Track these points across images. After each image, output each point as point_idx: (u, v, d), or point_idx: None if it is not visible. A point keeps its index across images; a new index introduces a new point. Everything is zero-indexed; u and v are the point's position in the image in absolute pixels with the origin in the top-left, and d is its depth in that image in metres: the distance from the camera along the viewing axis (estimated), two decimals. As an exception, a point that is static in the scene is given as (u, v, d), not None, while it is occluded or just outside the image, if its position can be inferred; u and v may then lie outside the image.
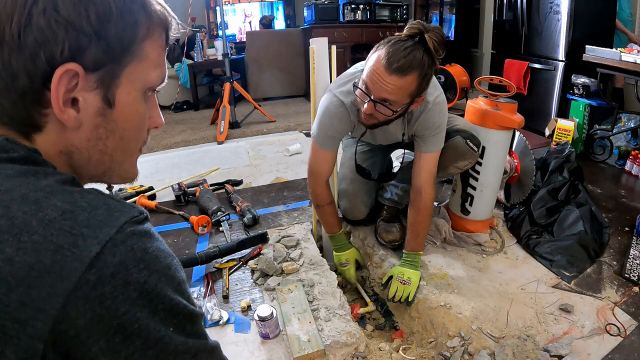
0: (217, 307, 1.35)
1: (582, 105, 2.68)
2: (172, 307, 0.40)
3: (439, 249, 1.69)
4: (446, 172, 1.57)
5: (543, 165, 1.97)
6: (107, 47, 0.41)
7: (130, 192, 2.28)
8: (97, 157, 0.47)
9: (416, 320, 1.40)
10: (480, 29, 4.75)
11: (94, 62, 0.41)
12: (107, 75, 0.43)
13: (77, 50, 0.40)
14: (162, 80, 0.49)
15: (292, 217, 2.01)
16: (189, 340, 0.42)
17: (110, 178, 0.51)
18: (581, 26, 2.85)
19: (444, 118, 1.39)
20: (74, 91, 0.41)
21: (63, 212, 0.36)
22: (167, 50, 0.49)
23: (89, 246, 0.35)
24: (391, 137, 1.53)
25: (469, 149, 1.49)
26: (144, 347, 0.38)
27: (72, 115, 0.42)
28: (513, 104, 1.58)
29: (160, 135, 3.84)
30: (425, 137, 1.40)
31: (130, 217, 0.39)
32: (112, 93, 0.44)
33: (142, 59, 0.45)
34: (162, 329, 0.39)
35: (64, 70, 0.39)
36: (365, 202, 1.77)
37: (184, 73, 4.80)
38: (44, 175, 0.39)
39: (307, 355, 1.16)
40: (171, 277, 0.41)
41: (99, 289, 0.35)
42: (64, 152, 0.45)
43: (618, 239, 1.71)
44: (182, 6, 6.02)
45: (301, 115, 4.26)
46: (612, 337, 1.22)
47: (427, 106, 1.35)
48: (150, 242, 0.40)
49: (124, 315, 0.36)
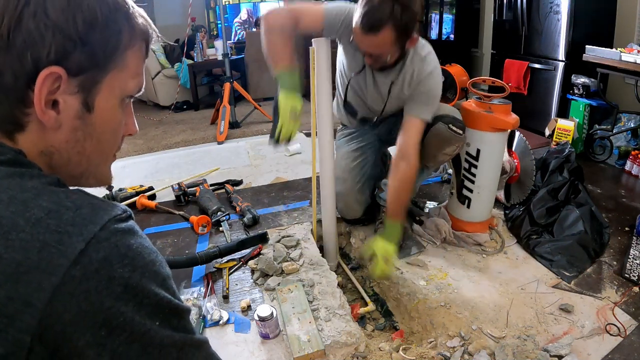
0: (217, 307, 1.35)
1: (582, 105, 2.68)
2: (157, 302, 0.41)
3: (439, 249, 1.69)
4: (437, 161, 1.57)
5: (543, 165, 1.97)
6: (91, 53, 0.43)
7: (130, 192, 2.28)
8: (76, 158, 0.48)
9: (416, 320, 1.40)
10: (480, 29, 4.75)
11: (77, 67, 0.43)
12: (88, 80, 0.44)
13: (62, 54, 0.41)
14: (139, 90, 0.51)
15: (292, 217, 2.01)
16: (175, 334, 0.43)
17: (87, 180, 0.52)
18: (581, 26, 2.84)
19: (437, 89, 1.47)
20: (55, 93, 0.43)
21: (49, 211, 0.38)
22: (145, 61, 0.51)
23: (73, 243, 0.37)
24: (375, 96, 1.56)
25: (453, 134, 1.49)
26: (129, 340, 0.38)
27: (53, 116, 0.44)
28: (507, 105, 1.58)
29: (160, 135, 3.84)
30: (414, 98, 1.47)
31: (113, 215, 0.41)
32: (91, 98, 0.45)
33: (122, 68, 0.47)
34: (147, 322, 0.40)
35: (49, 72, 0.41)
36: (359, 200, 1.76)
37: (184, 73, 4.80)
38: (30, 177, 0.41)
39: (307, 355, 1.16)
40: (155, 273, 0.42)
41: (84, 284, 0.36)
42: (44, 152, 0.46)
43: (618, 239, 1.71)
44: (182, 6, 6.04)
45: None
46: (612, 337, 1.22)
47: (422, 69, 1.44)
48: (133, 239, 0.41)
49: (109, 310, 0.37)
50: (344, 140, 1.89)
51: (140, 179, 2.64)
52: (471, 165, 1.67)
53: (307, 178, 2.49)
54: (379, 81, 1.52)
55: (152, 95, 5.16)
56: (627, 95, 2.83)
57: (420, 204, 2.05)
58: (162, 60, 4.99)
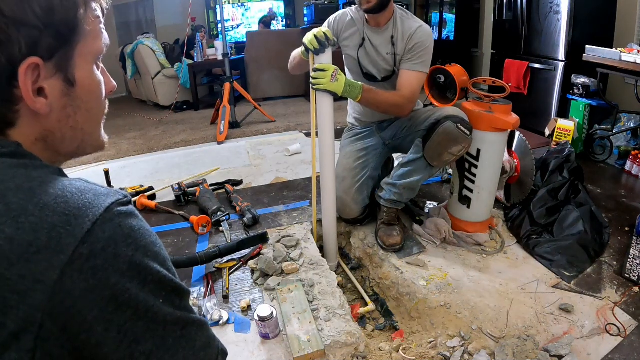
0: (217, 307, 1.35)
1: (582, 105, 2.68)
2: (160, 279, 0.43)
3: (439, 249, 1.69)
4: (442, 160, 1.58)
5: (543, 165, 1.97)
6: (57, 34, 0.44)
7: (130, 192, 2.28)
8: (70, 134, 0.50)
9: (416, 320, 1.40)
10: (480, 29, 4.75)
11: (49, 51, 0.44)
12: (62, 59, 0.46)
13: (32, 44, 0.43)
14: (107, 45, 0.52)
15: (292, 217, 2.01)
16: (177, 312, 0.44)
17: (84, 150, 0.54)
18: (581, 26, 2.84)
19: (429, 41, 1.62)
20: (38, 82, 0.44)
21: (55, 197, 0.40)
22: (104, 15, 0.51)
23: (80, 224, 0.39)
24: (382, 61, 1.70)
25: (461, 133, 1.51)
26: (135, 317, 0.40)
27: (43, 102, 0.45)
28: (507, 105, 1.58)
29: (160, 135, 3.85)
30: (410, 53, 1.61)
31: (115, 200, 0.43)
32: (71, 73, 0.47)
33: (86, 35, 0.48)
34: (151, 299, 0.42)
35: (27, 65, 0.42)
36: (357, 200, 1.77)
37: (184, 73, 4.80)
38: (34, 168, 0.43)
39: (307, 355, 1.16)
40: (156, 253, 0.44)
41: (92, 261, 0.38)
42: (38, 139, 0.48)
43: (618, 239, 1.71)
44: (182, 6, 6.04)
45: (301, 115, 4.25)
46: (612, 337, 1.22)
47: (412, 25, 1.62)
48: (135, 221, 0.43)
49: (115, 286, 0.39)
50: (349, 140, 1.91)
51: (140, 179, 2.64)
52: (471, 165, 1.67)
53: (307, 178, 2.50)
54: (377, 43, 1.69)
55: (152, 95, 5.16)
56: (627, 95, 2.83)
57: (420, 204, 2.05)
58: (162, 60, 4.99)
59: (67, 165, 3.21)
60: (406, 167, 1.66)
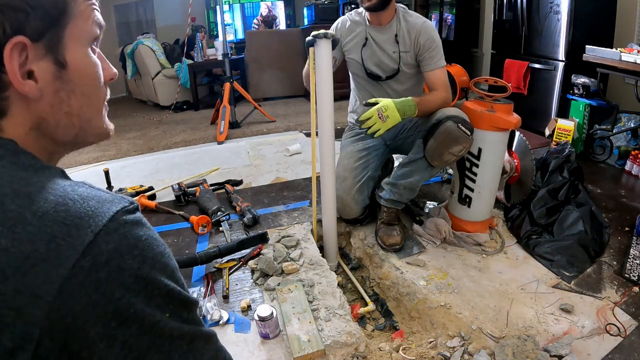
0: (217, 307, 1.36)
1: (582, 105, 2.68)
2: (167, 293, 0.41)
3: (439, 249, 1.69)
4: (442, 160, 1.58)
5: (543, 165, 1.97)
6: (45, 15, 0.43)
7: (130, 192, 2.28)
8: (65, 120, 0.47)
9: (416, 320, 1.40)
10: (480, 29, 4.75)
11: (36, 32, 0.42)
12: (51, 40, 0.44)
13: (17, 26, 0.41)
14: (101, 28, 0.50)
15: (292, 217, 2.01)
16: (184, 326, 0.42)
17: (85, 139, 0.51)
18: (581, 26, 2.84)
19: (436, 35, 1.68)
20: (27, 64, 0.42)
21: (55, 204, 0.38)
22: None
23: (82, 235, 0.37)
24: (387, 59, 1.73)
25: (462, 133, 1.51)
26: (140, 332, 0.38)
27: (33, 85, 0.43)
28: (509, 105, 1.58)
29: (160, 135, 3.85)
30: (425, 53, 1.66)
31: (121, 207, 0.40)
32: (61, 55, 0.45)
33: (77, 16, 0.46)
34: (157, 314, 0.39)
35: (12, 44, 0.40)
36: (357, 200, 1.77)
37: (184, 73, 4.80)
38: (34, 170, 0.41)
39: (307, 355, 1.16)
40: (164, 264, 0.41)
41: (94, 275, 0.36)
42: (32, 128, 0.45)
43: (618, 239, 1.71)
44: (182, 6, 6.04)
45: (301, 115, 4.25)
46: (612, 337, 1.22)
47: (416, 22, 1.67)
48: (142, 231, 0.41)
49: (119, 301, 0.37)
50: (349, 140, 1.91)
51: (140, 179, 2.64)
52: (472, 164, 1.67)
53: (307, 178, 2.50)
54: (381, 42, 1.72)
55: (152, 95, 5.16)
56: (627, 95, 2.83)
57: (420, 204, 2.05)
58: (162, 60, 4.99)
59: (67, 166, 3.19)
60: (407, 167, 1.66)
